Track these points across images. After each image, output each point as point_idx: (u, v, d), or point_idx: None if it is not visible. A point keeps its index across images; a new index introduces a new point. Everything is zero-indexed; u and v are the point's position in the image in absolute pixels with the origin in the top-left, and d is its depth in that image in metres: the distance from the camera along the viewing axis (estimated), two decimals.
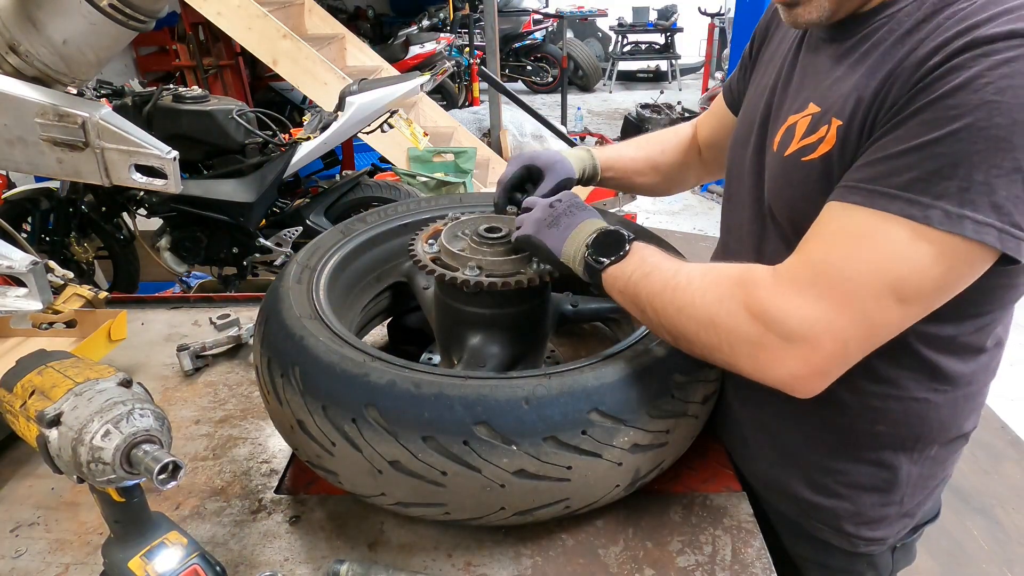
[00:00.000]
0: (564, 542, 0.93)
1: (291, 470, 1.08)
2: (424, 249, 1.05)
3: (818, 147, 0.78)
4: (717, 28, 9.13)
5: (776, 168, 0.87)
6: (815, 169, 0.79)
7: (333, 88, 3.94)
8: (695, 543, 0.91)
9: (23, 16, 0.83)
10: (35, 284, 0.88)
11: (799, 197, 0.82)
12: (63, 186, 3.16)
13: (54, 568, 0.91)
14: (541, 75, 9.85)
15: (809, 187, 0.80)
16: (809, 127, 0.81)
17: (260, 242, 3.19)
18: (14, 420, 0.77)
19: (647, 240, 1.19)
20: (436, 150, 4.42)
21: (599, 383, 0.83)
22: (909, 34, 0.72)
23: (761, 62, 1.05)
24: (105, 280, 3.56)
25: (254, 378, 1.13)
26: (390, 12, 9.57)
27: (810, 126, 0.80)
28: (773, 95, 0.93)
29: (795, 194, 0.83)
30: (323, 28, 5.53)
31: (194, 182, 3.05)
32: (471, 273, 0.97)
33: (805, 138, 0.81)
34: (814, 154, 0.79)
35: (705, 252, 5.00)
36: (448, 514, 0.85)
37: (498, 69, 5.77)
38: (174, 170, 0.90)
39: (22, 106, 0.86)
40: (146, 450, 0.69)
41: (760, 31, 1.10)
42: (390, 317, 1.37)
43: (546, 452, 0.79)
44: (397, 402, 0.80)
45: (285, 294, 1.00)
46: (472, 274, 0.96)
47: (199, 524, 0.97)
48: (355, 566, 0.84)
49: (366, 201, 3.31)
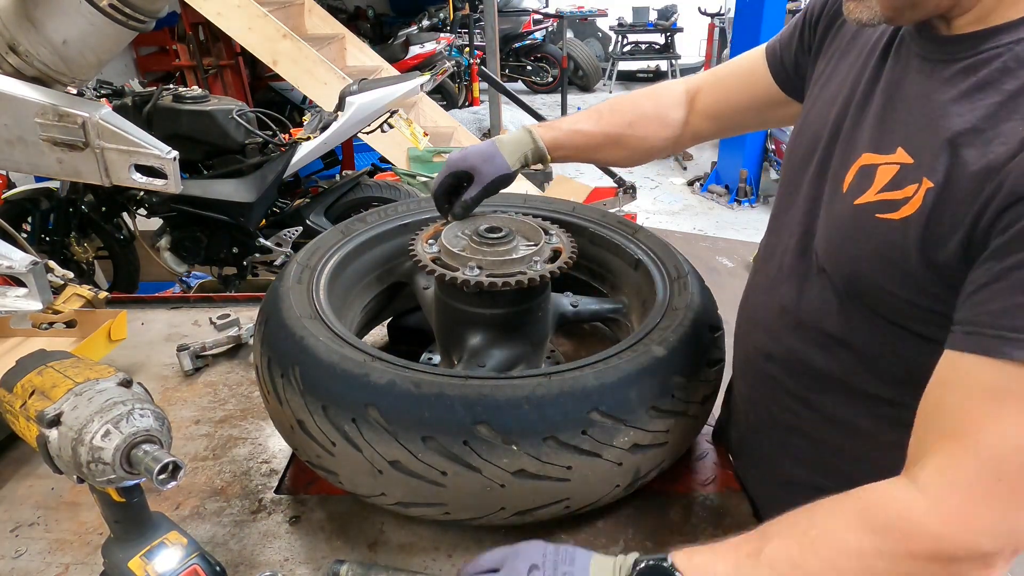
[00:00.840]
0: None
1: (291, 470, 1.08)
2: (424, 249, 1.05)
3: (901, 207, 0.67)
4: (717, 28, 9.13)
5: (841, 215, 0.75)
6: (893, 232, 0.67)
7: (333, 88, 3.93)
8: (695, 543, 0.91)
9: (23, 16, 0.83)
10: (35, 284, 0.88)
11: (865, 257, 0.71)
12: (63, 186, 3.16)
13: (54, 568, 0.91)
14: (541, 75, 9.84)
15: (881, 251, 0.69)
16: (894, 179, 0.68)
17: (260, 242, 3.19)
18: (14, 420, 0.77)
19: (646, 239, 1.20)
20: (436, 150, 4.41)
21: (599, 383, 0.83)
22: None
23: (830, 50, 0.89)
24: (105, 280, 3.56)
25: (254, 378, 1.13)
26: (390, 12, 9.56)
27: (896, 178, 0.68)
28: (847, 110, 0.79)
29: (860, 252, 0.72)
30: (323, 28, 5.53)
31: (194, 182, 3.05)
32: (471, 273, 0.97)
33: (886, 191, 0.69)
34: (894, 214, 0.67)
35: (705, 252, 5.01)
36: (448, 514, 0.85)
37: (498, 69, 5.78)
38: (174, 170, 0.90)
39: (22, 106, 0.86)
40: (146, 450, 0.69)
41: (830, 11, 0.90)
42: (390, 317, 1.37)
43: (546, 452, 0.79)
44: (397, 402, 0.80)
45: (285, 294, 1.00)
46: (472, 274, 0.96)
47: (199, 524, 0.97)
48: (355, 566, 0.84)
49: (366, 201, 3.30)
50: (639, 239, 1.21)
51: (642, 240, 1.21)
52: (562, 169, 5.99)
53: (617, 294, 1.25)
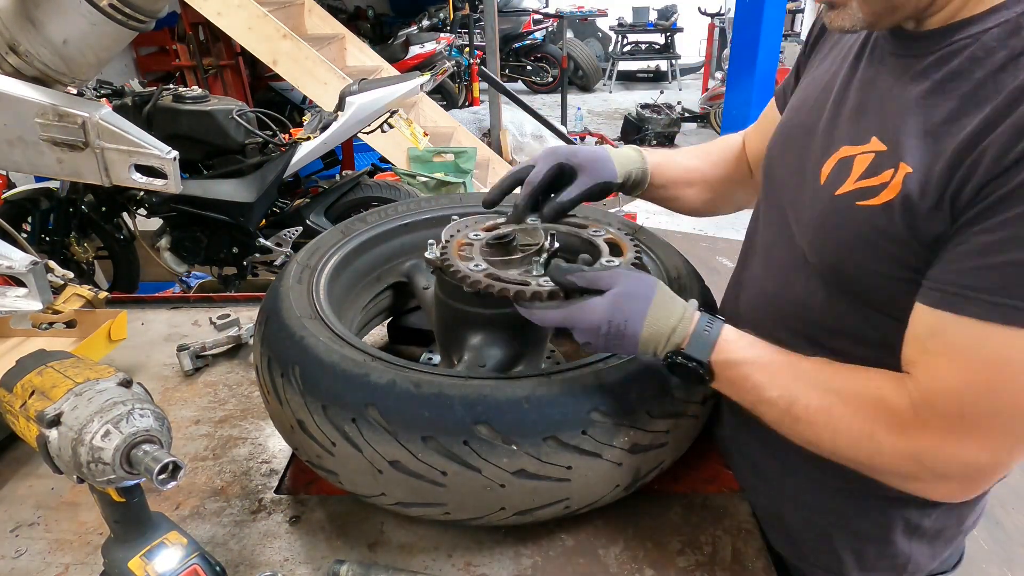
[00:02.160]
0: (564, 542, 0.93)
1: (291, 470, 1.08)
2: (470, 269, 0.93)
3: (880, 192, 0.70)
4: (717, 28, 9.14)
5: (823, 207, 0.77)
6: (875, 217, 0.70)
7: (333, 88, 3.94)
8: (695, 543, 0.91)
9: (23, 16, 0.83)
10: (35, 284, 0.88)
11: (849, 245, 0.74)
12: (63, 186, 3.17)
13: (54, 568, 0.91)
14: (541, 75, 9.85)
15: (865, 236, 0.72)
16: (870, 167, 0.72)
17: (260, 242, 3.19)
18: (14, 420, 0.77)
19: (646, 239, 1.19)
20: (436, 150, 4.42)
21: (599, 383, 0.83)
22: (1003, 70, 0.63)
23: (814, 61, 0.93)
24: (105, 280, 3.56)
25: (254, 378, 1.13)
26: (390, 12, 9.57)
27: (871, 166, 0.71)
28: (823, 108, 0.82)
29: (845, 241, 0.74)
30: (323, 28, 5.53)
31: (194, 182, 3.05)
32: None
33: (864, 179, 0.72)
34: (874, 199, 0.70)
35: (705, 252, 5.01)
36: (448, 514, 0.85)
37: (498, 69, 5.78)
38: (174, 170, 0.90)
39: (22, 106, 0.86)
40: (146, 450, 0.69)
41: (816, 26, 0.97)
42: (390, 317, 1.37)
43: (546, 452, 0.79)
44: (397, 402, 0.80)
45: (285, 294, 1.00)
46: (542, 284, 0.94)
47: (199, 524, 0.97)
48: (355, 566, 0.84)
49: (366, 201, 3.31)
50: (639, 239, 1.21)
51: (642, 240, 1.20)
52: None
53: None
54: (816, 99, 0.85)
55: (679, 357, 0.74)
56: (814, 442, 0.74)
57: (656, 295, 0.76)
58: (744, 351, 0.75)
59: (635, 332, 0.74)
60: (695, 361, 0.74)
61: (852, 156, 0.74)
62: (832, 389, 0.72)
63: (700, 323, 0.75)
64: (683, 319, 0.75)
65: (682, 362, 0.74)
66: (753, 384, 0.74)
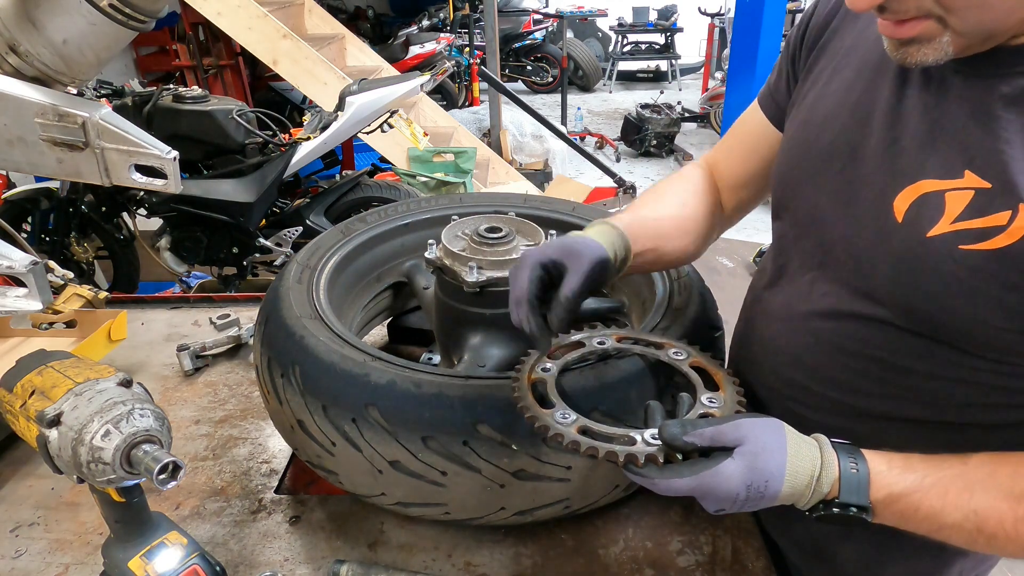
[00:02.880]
0: (564, 542, 0.93)
1: (291, 470, 1.08)
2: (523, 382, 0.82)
3: (994, 236, 0.62)
4: (717, 28, 9.13)
5: (906, 248, 0.68)
6: (987, 264, 0.62)
7: (333, 88, 3.93)
8: (695, 543, 0.91)
9: (23, 16, 0.83)
10: (35, 284, 0.88)
11: (951, 293, 0.66)
12: (63, 186, 3.17)
13: (54, 568, 0.91)
14: (541, 75, 9.84)
15: (973, 285, 0.64)
16: (973, 206, 0.63)
17: (260, 242, 3.19)
18: (14, 420, 0.77)
19: None
20: (436, 150, 4.42)
21: (599, 383, 0.83)
22: None
23: (822, 70, 0.83)
24: (105, 280, 3.56)
25: (254, 378, 1.13)
26: (390, 12, 9.56)
27: (974, 204, 0.63)
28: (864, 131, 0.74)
29: (943, 289, 0.66)
30: (323, 28, 5.53)
31: (194, 182, 3.05)
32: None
33: (967, 219, 0.63)
34: (984, 244, 0.62)
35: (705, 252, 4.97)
36: (448, 514, 0.85)
37: (498, 69, 5.77)
38: (174, 170, 0.91)
39: (22, 106, 0.86)
40: (146, 450, 0.69)
41: (816, 26, 0.85)
42: (390, 317, 1.37)
43: (546, 452, 0.79)
44: (397, 402, 0.80)
45: (285, 294, 1.00)
46: None
47: (199, 524, 0.97)
48: (355, 566, 0.85)
49: (366, 201, 3.31)
50: None
51: None
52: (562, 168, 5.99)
53: (617, 293, 1.25)
54: (845, 119, 0.76)
55: (835, 508, 0.65)
56: (1019, 554, 0.66)
57: (789, 443, 0.66)
58: (903, 479, 0.66)
59: (775, 492, 0.64)
60: (854, 507, 0.65)
61: (940, 192, 0.66)
62: (1015, 494, 0.64)
63: (843, 464, 0.66)
64: (825, 464, 0.65)
65: (839, 513, 0.65)
66: (926, 513, 0.66)
